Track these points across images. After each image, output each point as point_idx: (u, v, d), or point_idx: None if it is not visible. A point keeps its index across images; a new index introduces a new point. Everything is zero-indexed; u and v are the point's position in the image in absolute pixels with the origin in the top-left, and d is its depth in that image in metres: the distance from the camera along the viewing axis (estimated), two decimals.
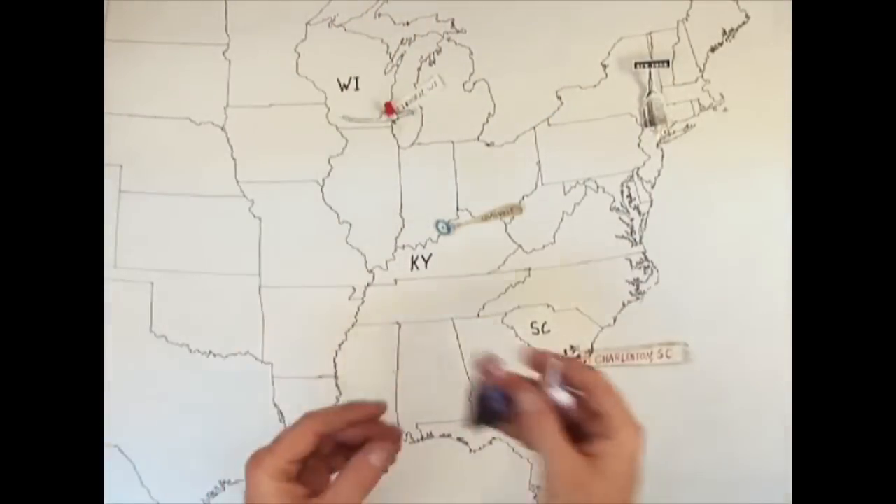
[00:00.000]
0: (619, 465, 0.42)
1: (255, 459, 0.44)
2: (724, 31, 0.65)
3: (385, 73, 0.66)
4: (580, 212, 0.64)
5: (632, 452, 0.42)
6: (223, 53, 0.67)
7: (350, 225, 0.65)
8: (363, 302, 0.64)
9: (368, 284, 0.64)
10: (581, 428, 0.43)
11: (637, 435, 0.43)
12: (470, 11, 0.66)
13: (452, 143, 0.65)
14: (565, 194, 0.64)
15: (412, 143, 0.65)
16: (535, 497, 0.61)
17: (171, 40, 0.67)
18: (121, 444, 0.63)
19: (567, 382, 0.44)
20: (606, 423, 0.42)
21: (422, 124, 0.65)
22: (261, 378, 0.62)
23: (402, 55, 0.66)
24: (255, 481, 0.44)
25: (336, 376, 0.62)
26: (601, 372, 0.45)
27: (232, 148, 0.65)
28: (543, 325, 0.63)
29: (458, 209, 0.64)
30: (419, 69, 0.66)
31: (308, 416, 0.46)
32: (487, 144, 0.65)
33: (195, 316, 0.64)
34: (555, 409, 0.43)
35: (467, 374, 0.63)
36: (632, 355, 0.63)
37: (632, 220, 0.64)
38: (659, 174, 0.64)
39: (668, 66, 0.64)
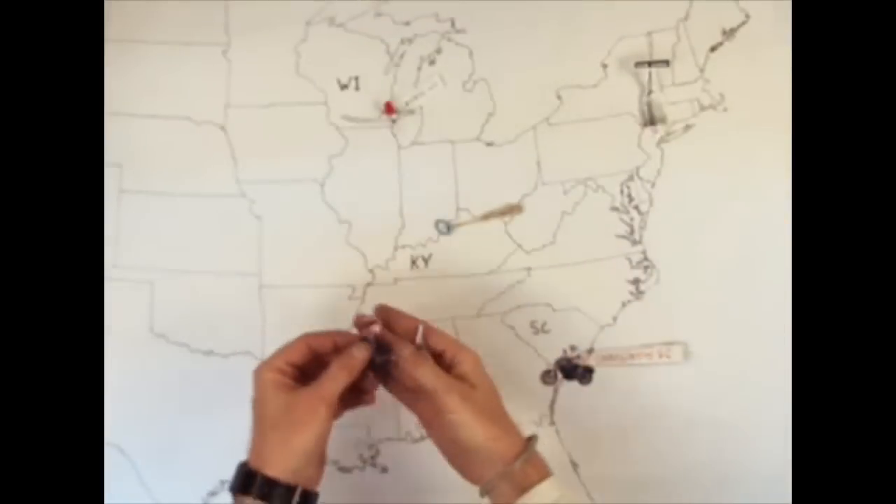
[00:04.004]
0: (478, 374, 0.53)
1: (259, 365, 0.52)
2: (724, 31, 0.65)
3: (385, 73, 0.66)
4: (580, 211, 0.64)
5: (477, 365, 0.54)
6: (223, 53, 0.67)
7: (350, 225, 0.65)
8: (363, 302, 0.64)
9: (368, 284, 0.64)
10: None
11: (472, 354, 0.54)
12: (470, 11, 0.66)
13: (452, 142, 0.65)
14: (565, 194, 0.64)
15: (412, 143, 0.65)
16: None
17: (171, 40, 0.67)
18: (121, 444, 0.63)
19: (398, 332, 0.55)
20: (450, 354, 0.54)
21: (422, 124, 0.65)
22: None
23: (402, 55, 0.66)
24: (257, 377, 0.52)
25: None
26: (423, 320, 0.55)
27: (232, 148, 0.65)
28: (543, 325, 0.63)
29: (458, 209, 0.65)
30: (419, 69, 0.66)
31: (304, 334, 0.54)
32: (487, 144, 0.65)
33: (195, 316, 0.64)
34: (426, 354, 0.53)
35: None
36: (632, 355, 0.63)
37: (632, 219, 0.64)
38: (659, 174, 0.64)
39: (668, 65, 0.64)
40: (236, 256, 0.64)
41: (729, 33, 0.65)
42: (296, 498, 0.49)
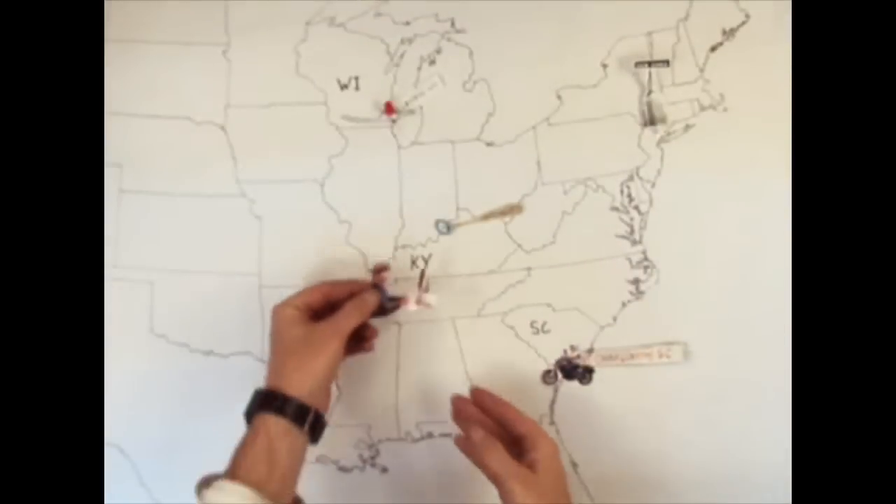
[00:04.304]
0: (550, 465, 0.54)
1: (278, 304, 0.58)
2: (724, 31, 0.65)
3: (385, 73, 0.66)
4: (580, 212, 0.64)
5: (553, 454, 0.55)
6: (223, 53, 0.67)
7: (350, 225, 0.65)
8: None
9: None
10: (512, 448, 0.55)
11: (551, 442, 0.55)
12: (470, 11, 0.66)
13: (452, 142, 0.65)
14: (565, 194, 0.64)
15: (412, 143, 0.65)
16: None
17: (171, 40, 0.67)
18: (121, 444, 0.63)
19: (487, 413, 0.58)
20: (529, 440, 0.55)
21: (422, 124, 0.65)
22: (261, 378, 0.62)
23: (402, 55, 0.66)
24: (277, 313, 0.57)
25: (336, 376, 0.62)
26: (509, 403, 0.57)
27: (232, 148, 0.65)
28: (543, 325, 0.63)
29: (458, 209, 0.65)
30: (419, 69, 0.66)
31: (321, 281, 0.61)
32: (487, 144, 0.65)
33: (195, 316, 0.64)
34: (498, 440, 0.54)
35: (467, 373, 0.63)
36: (632, 355, 0.63)
37: (632, 219, 0.64)
38: (659, 174, 0.64)
39: (668, 65, 0.64)
40: (236, 256, 0.64)
41: (729, 33, 0.65)
42: (309, 417, 0.54)
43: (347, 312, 0.57)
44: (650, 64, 0.64)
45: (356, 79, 0.66)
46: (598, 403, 0.63)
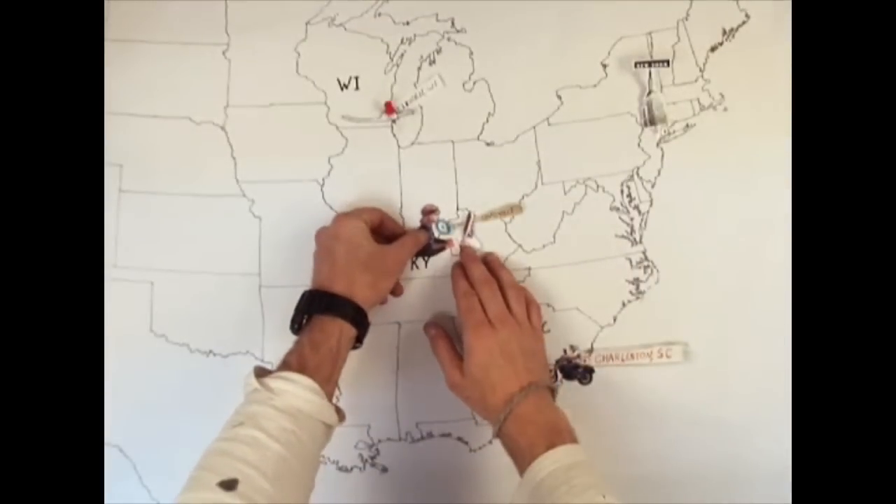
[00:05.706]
0: (469, 366, 0.56)
1: (344, 215, 0.60)
2: (724, 31, 0.65)
3: (385, 72, 0.66)
4: (580, 212, 0.64)
5: (475, 355, 0.56)
6: (223, 53, 0.67)
7: None
8: None
9: None
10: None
11: (473, 355, 0.56)
12: (470, 11, 0.66)
13: (452, 142, 0.65)
14: (565, 194, 0.64)
15: (412, 143, 0.65)
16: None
17: (171, 40, 0.67)
18: (121, 444, 0.63)
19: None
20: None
21: (422, 124, 0.65)
22: None
23: (402, 55, 0.66)
24: (349, 223, 0.58)
25: None
26: (462, 284, 0.60)
27: (232, 148, 0.65)
28: (543, 325, 0.63)
29: (458, 209, 0.65)
30: (419, 69, 0.66)
31: (373, 207, 0.62)
32: (487, 144, 0.65)
33: (195, 316, 0.64)
34: (447, 335, 0.61)
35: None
36: (632, 355, 0.63)
37: (632, 219, 0.64)
38: (659, 174, 0.64)
39: (668, 65, 0.64)
40: (236, 256, 0.64)
41: (729, 33, 0.65)
42: (366, 332, 0.57)
43: (407, 244, 0.61)
44: (650, 64, 0.64)
45: (356, 79, 0.66)
46: (598, 403, 0.63)
